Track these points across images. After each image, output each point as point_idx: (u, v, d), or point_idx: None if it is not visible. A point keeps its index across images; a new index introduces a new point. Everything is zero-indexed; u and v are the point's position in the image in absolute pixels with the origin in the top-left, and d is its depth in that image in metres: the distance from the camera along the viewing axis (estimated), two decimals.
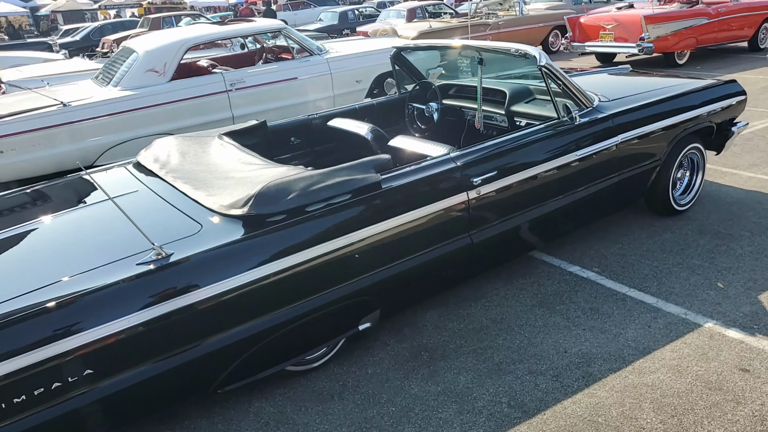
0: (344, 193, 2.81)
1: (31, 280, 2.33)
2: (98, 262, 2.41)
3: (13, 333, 2.12)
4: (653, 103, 3.90)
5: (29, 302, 2.20)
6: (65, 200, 3.20)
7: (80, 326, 2.20)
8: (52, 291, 2.26)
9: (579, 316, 3.17)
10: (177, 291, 2.38)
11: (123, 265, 2.39)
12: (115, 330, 2.24)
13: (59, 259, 2.51)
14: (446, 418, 2.53)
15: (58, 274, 2.35)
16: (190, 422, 2.62)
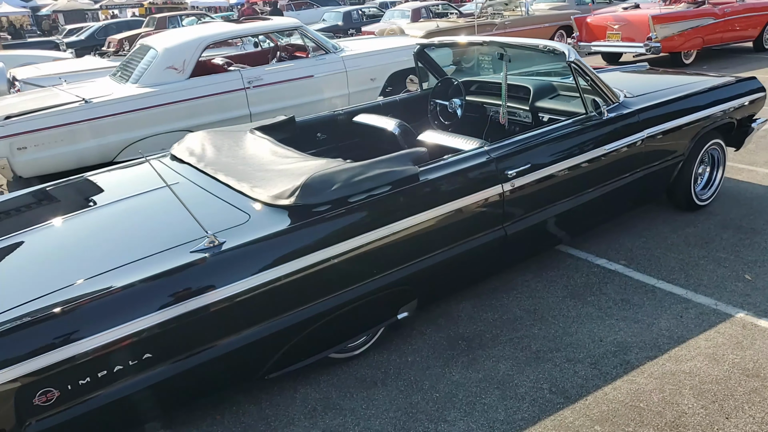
0: (384, 185, 2.86)
1: (91, 266, 2.38)
2: (153, 249, 2.46)
3: (81, 316, 2.17)
4: (677, 99, 3.97)
5: (94, 287, 2.25)
6: (115, 190, 3.25)
7: (142, 311, 2.25)
8: (113, 277, 2.31)
9: (611, 306, 3.24)
10: (228, 278, 2.43)
11: (177, 252, 2.44)
12: (172, 315, 2.30)
13: (117, 246, 2.57)
14: (490, 404, 2.58)
15: (118, 260, 2.40)
16: (238, 408, 2.67)
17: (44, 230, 2.82)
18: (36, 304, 2.19)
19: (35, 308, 2.17)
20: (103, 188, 3.35)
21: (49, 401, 2.12)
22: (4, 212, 3.23)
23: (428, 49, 4.72)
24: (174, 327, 2.32)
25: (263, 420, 2.59)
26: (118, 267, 2.37)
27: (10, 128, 5.54)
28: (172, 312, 2.30)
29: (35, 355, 2.07)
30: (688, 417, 2.42)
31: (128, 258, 2.41)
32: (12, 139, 5.56)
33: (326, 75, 6.83)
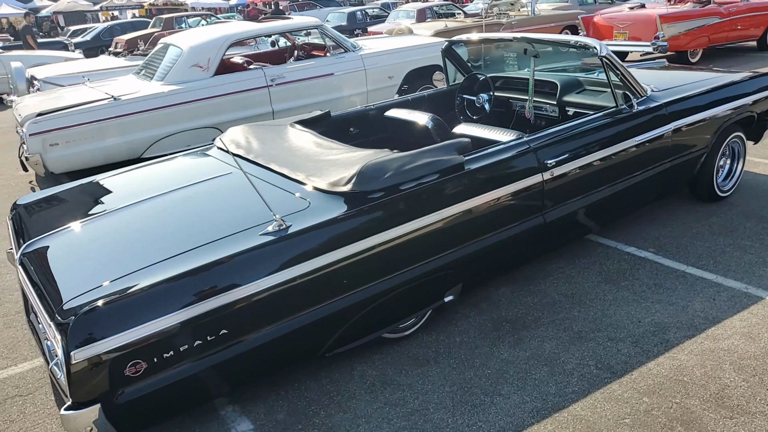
0: (432, 173, 3.00)
1: (171, 247, 2.52)
2: (226, 232, 2.59)
3: (169, 292, 2.30)
4: (701, 94, 4.12)
5: (176, 266, 2.38)
6: (174, 178, 3.38)
7: (215, 290, 2.38)
8: (188, 259, 2.44)
9: (645, 290, 3.38)
10: (296, 260, 2.56)
11: (248, 235, 2.58)
12: (245, 294, 2.43)
13: (192, 229, 2.71)
14: (541, 379, 2.72)
15: (195, 241, 2.53)
16: (299, 384, 2.80)
17: (120, 214, 2.95)
18: (127, 280, 2.32)
19: (128, 284, 2.30)
20: (163, 176, 3.49)
21: (138, 372, 2.25)
22: (68, 201, 3.36)
23: (456, 46, 4.86)
24: (246, 305, 2.45)
25: (326, 395, 2.73)
26: (196, 248, 2.50)
27: (42, 125, 5.67)
28: (245, 291, 2.43)
29: (128, 328, 2.20)
30: (731, 389, 2.56)
31: (204, 240, 2.55)
32: (44, 136, 5.68)
33: (346, 73, 6.97)
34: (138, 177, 3.59)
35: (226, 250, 2.48)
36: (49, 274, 2.54)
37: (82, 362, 2.14)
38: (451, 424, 2.49)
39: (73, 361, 2.13)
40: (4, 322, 3.52)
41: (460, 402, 2.62)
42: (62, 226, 2.91)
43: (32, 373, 3.03)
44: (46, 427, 2.64)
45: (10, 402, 2.82)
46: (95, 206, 3.12)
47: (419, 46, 7.56)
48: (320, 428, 2.53)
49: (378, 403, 2.65)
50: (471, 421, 2.50)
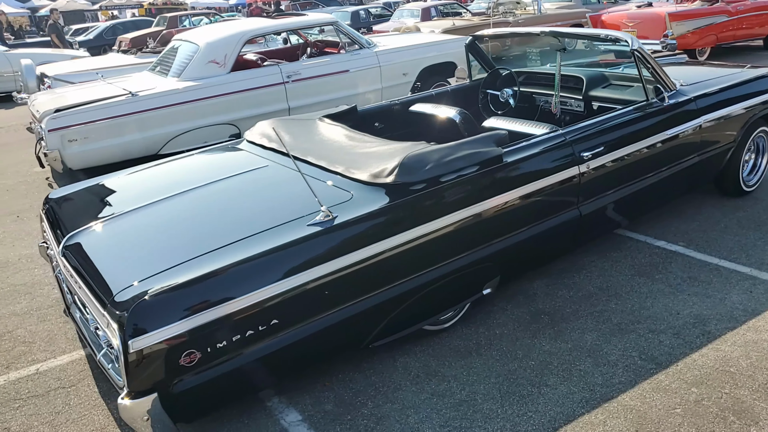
0: (472, 165, 3.00)
1: (220, 237, 2.51)
2: (273, 222, 2.59)
3: (220, 283, 2.29)
4: (729, 87, 4.13)
5: (226, 257, 2.38)
6: (212, 171, 3.38)
7: (269, 279, 2.37)
8: (238, 249, 2.44)
9: (680, 283, 3.39)
10: (342, 250, 2.56)
11: (295, 225, 2.57)
12: (296, 284, 2.42)
13: (238, 220, 2.71)
14: (586, 370, 2.73)
15: (243, 232, 2.53)
16: (344, 376, 2.80)
17: (161, 206, 2.95)
18: (179, 270, 2.32)
19: (181, 274, 2.29)
20: (196, 170, 3.50)
21: (192, 362, 2.24)
22: (103, 194, 3.35)
23: (480, 41, 4.86)
24: (295, 295, 2.44)
25: (371, 386, 2.72)
26: (245, 238, 2.49)
27: (61, 121, 5.66)
28: (296, 281, 2.43)
29: (183, 318, 2.19)
30: None
31: (252, 230, 2.54)
32: (63, 132, 5.67)
33: (361, 70, 6.97)
34: (170, 171, 3.59)
35: (276, 241, 2.48)
36: (98, 265, 2.53)
37: (140, 352, 2.14)
38: (500, 414, 2.49)
39: (130, 351, 2.13)
40: (38, 316, 3.51)
41: (507, 393, 2.62)
42: (104, 218, 2.90)
43: (72, 365, 3.02)
44: (93, 419, 2.63)
45: (53, 394, 2.81)
46: (134, 199, 3.10)
47: (433, 43, 7.56)
48: (369, 418, 2.52)
49: (425, 394, 2.65)
50: (521, 411, 2.50)
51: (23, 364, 3.05)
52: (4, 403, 2.76)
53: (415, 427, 2.46)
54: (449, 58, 7.53)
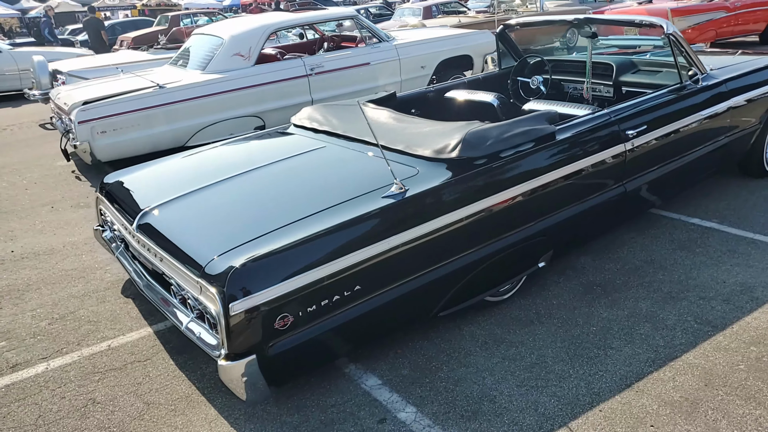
0: (528, 142, 3.12)
1: (296, 211, 2.60)
2: (347, 196, 2.69)
3: (310, 249, 2.39)
4: (755, 71, 4.29)
5: (308, 228, 2.47)
6: (273, 152, 3.48)
7: (350, 247, 2.47)
8: (321, 219, 2.54)
9: (720, 255, 3.53)
10: (415, 222, 2.66)
11: (370, 197, 2.68)
12: (376, 252, 2.53)
13: (309, 195, 2.80)
14: (646, 333, 2.85)
15: (318, 205, 2.63)
16: (413, 344, 2.91)
17: (229, 184, 3.05)
18: (268, 239, 2.41)
19: (270, 242, 2.39)
20: (251, 152, 3.60)
21: (286, 326, 2.34)
22: (162, 175, 3.44)
23: (509, 30, 4.99)
24: (376, 263, 2.54)
25: (443, 352, 2.83)
26: (325, 209, 2.60)
27: (91, 113, 5.72)
28: (376, 248, 2.53)
29: (278, 282, 2.29)
30: None
31: (330, 202, 2.64)
32: (93, 124, 5.73)
33: (381, 63, 7.08)
34: (226, 154, 3.68)
35: (355, 211, 2.58)
36: (183, 237, 2.62)
37: (240, 314, 2.23)
38: (573, 374, 2.61)
39: (231, 314, 2.22)
40: (97, 298, 3.58)
41: (575, 355, 2.73)
42: (175, 196, 2.98)
43: (143, 341, 3.10)
44: (175, 388, 2.71)
45: (130, 367, 2.89)
46: (198, 178, 3.18)
47: (449, 37, 7.69)
48: (447, 381, 2.63)
49: (496, 359, 2.76)
50: (591, 371, 2.62)
51: (94, 341, 3.12)
52: (83, 376, 2.84)
53: (493, 387, 2.57)
54: (465, 52, 7.67)
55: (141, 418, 2.53)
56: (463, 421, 2.39)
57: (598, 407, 2.40)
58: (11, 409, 2.64)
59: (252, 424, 2.46)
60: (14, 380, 2.84)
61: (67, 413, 2.59)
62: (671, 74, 4.17)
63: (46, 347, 3.10)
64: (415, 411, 2.47)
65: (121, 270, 3.88)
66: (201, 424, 2.49)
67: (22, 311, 3.48)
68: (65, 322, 3.33)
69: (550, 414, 2.39)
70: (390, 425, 2.40)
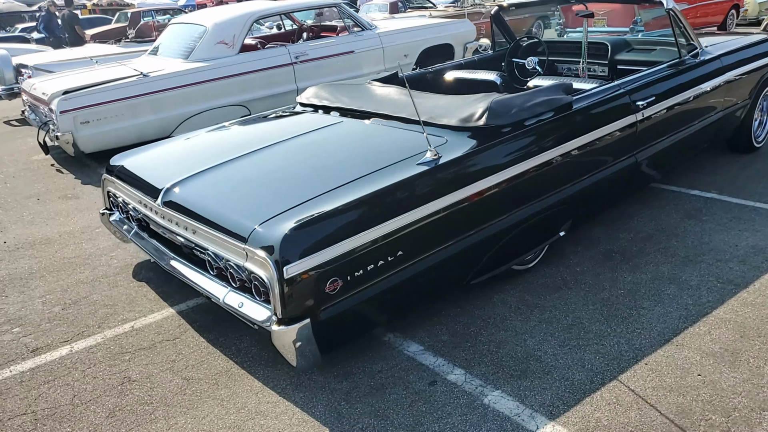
0: (548, 111, 3.17)
1: (332, 179, 2.57)
2: (381, 164, 2.67)
3: (355, 214, 2.37)
4: (743, 48, 4.46)
5: (349, 194, 2.45)
6: (292, 126, 3.42)
7: (394, 211, 2.46)
8: (361, 185, 2.51)
9: (727, 222, 3.65)
10: (450, 188, 2.66)
11: (404, 165, 2.67)
12: (417, 217, 2.52)
13: (340, 165, 2.78)
14: (672, 294, 2.92)
15: (355, 173, 2.60)
16: (447, 312, 2.91)
17: (253, 157, 3.00)
18: (311, 205, 2.38)
19: (314, 208, 2.36)
20: (266, 130, 3.56)
21: (335, 290, 2.31)
22: (176, 153, 3.36)
23: (504, 12, 5.05)
24: (416, 228, 2.54)
25: (479, 318, 2.84)
26: (362, 177, 2.58)
27: (73, 102, 5.55)
28: (416, 214, 2.52)
29: (328, 246, 2.26)
30: None
31: (365, 170, 2.62)
32: (76, 113, 5.55)
33: (365, 51, 7.07)
34: (238, 132, 3.63)
35: (393, 178, 2.56)
36: (219, 208, 2.55)
37: (293, 278, 2.19)
38: (611, 333, 2.66)
39: (285, 277, 2.18)
40: (108, 283, 3.45)
41: (609, 316, 2.78)
42: (198, 171, 2.90)
43: (168, 321, 3.01)
44: (212, 363, 2.65)
45: (159, 346, 2.80)
46: (217, 154, 3.10)
47: (431, 26, 7.74)
48: (488, 344, 2.64)
49: (533, 322, 2.78)
50: (628, 329, 2.67)
51: (115, 324, 3.01)
52: (112, 357, 2.73)
53: (536, 347, 2.59)
54: (446, 41, 7.72)
55: (183, 393, 2.46)
56: (513, 379, 2.41)
57: (643, 361, 2.45)
58: (42, 391, 2.52)
59: (301, 393, 2.42)
60: (38, 363, 2.72)
61: (104, 392, 2.49)
62: (666, 51, 4.29)
63: (65, 331, 2.97)
64: (463, 373, 2.47)
65: (128, 255, 3.76)
66: (246, 395, 2.43)
67: (30, 298, 3.33)
68: (79, 306, 3.21)
69: (597, 369, 2.43)
70: (441, 387, 2.39)
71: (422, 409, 2.28)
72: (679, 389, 2.27)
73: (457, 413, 2.25)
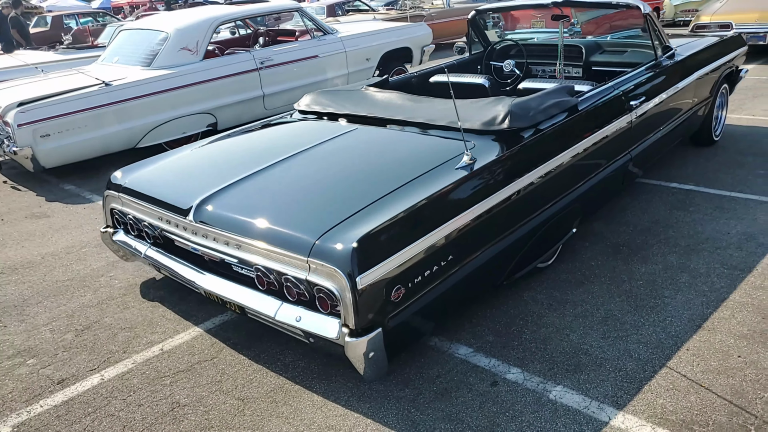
0: (560, 113, 3.29)
1: (374, 189, 2.57)
2: (420, 170, 2.69)
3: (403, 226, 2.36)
4: (706, 48, 4.78)
5: (397, 203, 2.44)
6: (303, 135, 3.37)
7: (444, 217, 2.49)
8: (405, 193, 2.52)
9: (712, 211, 3.91)
10: (489, 190, 2.73)
11: (443, 170, 2.70)
12: (465, 221, 2.56)
13: (378, 172, 2.78)
14: (688, 282, 3.11)
15: (396, 181, 2.61)
16: (482, 314, 2.96)
17: (283, 167, 2.93)
18: (364, 216, 2.36)
19: (371, 218, 2.34)
20: (274, 140, 3.55)
21: (399, 297, 2.31)
22: (189, 166, 3.24)
23: (481, 15, 5.18)
24: (463, 232, 2.58)
25: (517, 317, 2.91)
26: (405, 184, 2.58)
27: (31, 114, 5.25)
28: (464, 218, 2.57)
29: (392, 255, 2.26)
30: None
31: (405, 178, 2.63)
32: (35, 126, 5.25)
33: (329, 55, 7.04)
34: (248, 142, 3.55)
35: (437, 184, 2.59)
36: (267, 220, 2.49)
37: (366, 288, 2.18)
38: (644, 322, 2.80)
39: (359, 287, 2.16)
40: (118, 304, 3.28)
41: (638, 307, 2.93)
42: (224, 184, 2.80)
43: (199, 341, 2.90)
44: (264, 380, 2.58)
45: (199, 366, 2.70)
46: (238, 166, 3.01)
47: (391, 29, 7.79)
48: (534, 342, 2.72)
49: (568, 317, 2.88)
50: (660, 317, 2.82)
51: (141, 347, 2.87)
52: (151, 382, 2.61)
53: (580, 341, 2.69)
54: (405, 44, 7.80)
55: (242, 414, 2.38)
56: (570, 373, 2.49)
57: (684, 347, 2.60)
58: (85, 424, 2.37)
59: (366, 403, 2.40)
60: (70, 396, 2.55)
61: (155, 419, 2.37)
62: (639, 53, 4.55)
63: (88, 359, 2.80)
64: (520, 371, 2.53)
65: (129, 275, 3.58)
66: (310, 410, 2.38)
67: (34, 326, 3.12)
68: (94, 332, 3.03)
69: (644, 358, 2.55)
70: (504, 387, 2.44)
71: (493, 410, 2.32)
72: (726, 371, 2.43)
73: (528, 411, 2.30)
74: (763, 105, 6.40)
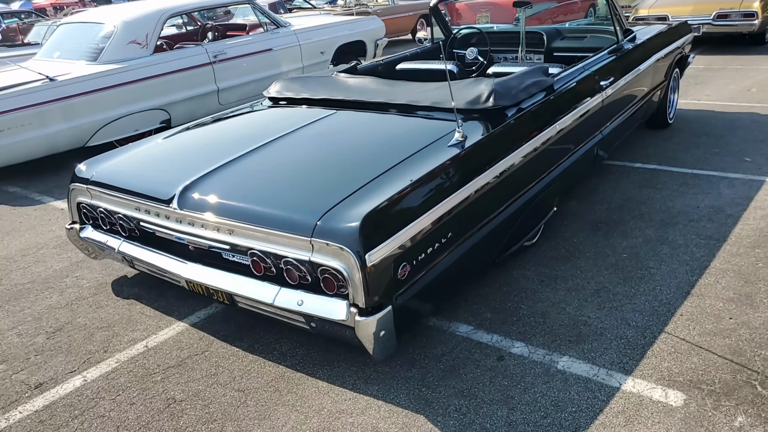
0: (538, 92, 3.32)
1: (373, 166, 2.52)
2: (413, 148, 2.65)
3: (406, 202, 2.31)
4: (659, 34, 4.95)
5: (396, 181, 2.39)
6: (282, 120, 3.26)
7: (443, 194, 2.46)
8: (403, 171, 2.47)
9: (678, 187, 4.04)
10: (482, 167, 2.71)
11: (436, 147, 2.67)
12: (463, 197, 2.53)
13: (369, 152, 2.72)
14: (668, 253, 3.19)
15: (391, 159, 2.55)
16: (476, 292, 2.94)
17: (268, 150, 2.83)
18: (364, 194, 2.30)
19: (371, 196, 2.28)
20: (258, 124, 3.38)
21: (405, 275, 2.26)
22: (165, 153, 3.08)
23: (441, 4, 5.18)
24: (462, 209, 2.55)
25: (510, 293, 2.91)
26: (401, 162, 2.53)
27: None
28: (462, 194, 2.53)
29: (397, 232, 2.20)
30: None
31: (400, 156, 2.58)
32: None
33: (283, 48, 6.91)
34: (221, 129, 3.40)
35: (433, 161, 2.55)
36: (261, 204, 2.38)
37: (375, 266, 2.11)
38: (635, 292, 2.84)
39: (368, 265, 2.09)
40: (89, 305, 3.08)
41: (626, 278, 2.98)
42: (206, 170, 2.67)
43: (184, 335, 2.75)
44: (262, 370, 2.47)
45: (190, 360, 2.55)
46: (217, 152, 2.89)
47: (345, 22, 7.72)
48: (533, 316, 2.72)
49: (561, 291, 2.90)
50: (649, 287, 2.88)
51: (123, 346, 2.70)
52: (140, 380, 2.45)
53: (577, 314, 2.71)
54: (359, 38, 7.75)
55: (245, 405, 2.26)
56: (573, 344, 2.50)
57: (678, 313, 2.65)
58: (74, 427, 2.20)
59: (374, 386, 2.33)
60: (51, 400, 2.36)
61: (151, 417, 2.23)
62: (599, 38, 4.66)
63: (65, 360, 2.61)
64: (524, 345, 2.52)
65: (97, 274, 3.38)
66: (316, 396, 2.29)
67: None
68: (67, 333, 2.83)
69: (642, 325, 2.59)
70: (511, 360, 2.42)
71: (504, 383, 2.30)
72: (722, 333, 2.49)
73: (540, 382, 2.29)
74: (705, 91, 6.69)
